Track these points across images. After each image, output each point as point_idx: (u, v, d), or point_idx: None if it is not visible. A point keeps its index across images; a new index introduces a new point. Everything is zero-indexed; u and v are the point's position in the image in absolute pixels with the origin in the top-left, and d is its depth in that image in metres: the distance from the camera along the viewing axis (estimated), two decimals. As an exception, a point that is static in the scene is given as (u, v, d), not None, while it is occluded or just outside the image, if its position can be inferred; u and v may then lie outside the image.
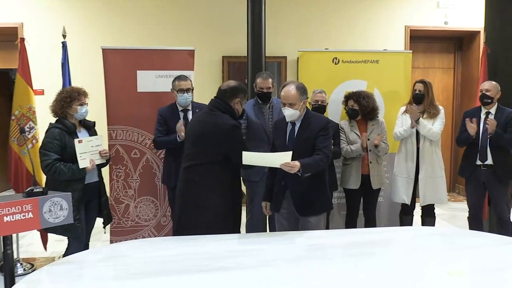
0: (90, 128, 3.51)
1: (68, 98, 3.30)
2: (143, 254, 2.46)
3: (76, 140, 3.25)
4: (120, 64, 4.17)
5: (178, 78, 3.83)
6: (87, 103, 3.38)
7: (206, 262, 2.31)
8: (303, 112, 3.07)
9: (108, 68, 4.17)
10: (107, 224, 3.67)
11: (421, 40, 7.10)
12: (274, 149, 3.15)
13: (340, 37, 6.62)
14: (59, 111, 3.31)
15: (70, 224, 3.02)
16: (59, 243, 4.64)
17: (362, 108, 4.02)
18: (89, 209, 3.45)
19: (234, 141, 2.97)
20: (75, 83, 4.59)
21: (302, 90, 3.02)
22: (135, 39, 6.16)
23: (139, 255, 2.44)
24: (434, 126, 4.02)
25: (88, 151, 3.31)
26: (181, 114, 3.83)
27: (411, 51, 4.85)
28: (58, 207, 3.85)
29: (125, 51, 4.25)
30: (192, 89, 3.83)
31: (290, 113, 3.01)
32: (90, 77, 5.92)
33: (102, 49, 4.19)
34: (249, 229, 3.95)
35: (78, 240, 3.35)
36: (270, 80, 3.92)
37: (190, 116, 3.82)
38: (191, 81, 3.87)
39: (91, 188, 3.40)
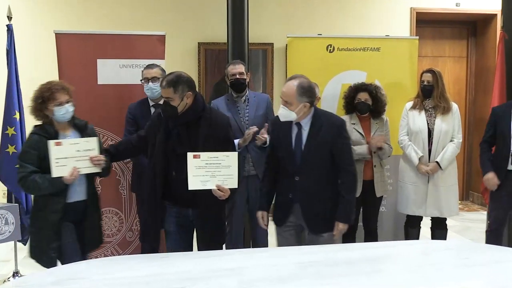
0: (83, 130, 3.21)
1: (40, 99, 3.03)
2: (104, 276, 2.44)
3: (51, 142, 2.95)
4: (76, 52, 4.13)
5: (146, 66, 3.87)
6: (68, 101, 3.07)
7: (179, 284, 2.30)
8: (306, 113, 3.05)
9: (62, 56, 4.13)
10: (87, 252, 3.24)
11: (429, 24, 7.19)
12: (272, 157, 3.18)
13: (335, 21, 6.66)
14: (37, 114, 3.07)
15: (42, 250, 2.99)
16: (4, 264, 4.58)
17: (377, 104, 4.06)
18: (86, 229, 3.18)
19: None
20: (23, 74, 4.58)
21: (302, 90, 2.96)
22: (95, 23, 6.12)
23: (100, 277, 2.42)
24: (450, 146, 4.09)
25: (71, 156, 2.99)
26: (152, 110, 3.83)
27: (417, 37, 4.90)
28: (3, 221, 3.82)
29: (82, 36, 4.22)
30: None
31: (283, 113, 3.01)
32: (40, 67, 5.89)
33: (55, 34, 4.15)
34: (229, 244, 3.96)
35: None
36: (242, 65, 3.98)
37: None
38: (163, 70, 3.87)
39: (77, 208, 3.12)
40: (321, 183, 3.06)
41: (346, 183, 3.05)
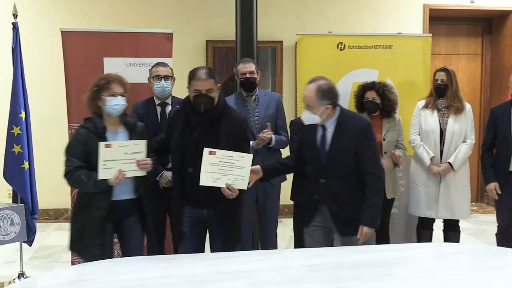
0: (132, 128, 3.20)
1: (95, 87, 3.08)
2: (112, 277, 2.45)
3: (101, 144, 2.95)
4: (83, 50, 4.15)
5: (157, 64, 3.86)
6: (122, 94, 3.10)
7: (187, 286, 2.31)
8: (330, 116, 3.07)
9: (68, 54, 4.15)
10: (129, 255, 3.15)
11: (442, 21, 7.16)
12: (299, 158, 3.24)
13: (346, 18, 6.64)
14: (87, 103, 3.11)
15: (85, 246, 3.04)
16: (9, 265, 4.62)
17: (385, 102, 4.05)
18: (126, 228, 3.21)
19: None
20: (28, 72, 4.61)
21: (322, 93, 2.99)
22: (101, 20, 6.14)
23: (107, 279, 2.43)
24: (463, 147, 4.09)
25: (119, 159, 2.99)
26: (158, 109, 3.84)
27: (430, 34, 4.89)
28: (8, 222, 3.85)
29: (89, 34, 4.24)
30: (173, 78, 3.85)
31: (306, 117, 3.06)
32: (46, 65, 5.94)
33: (61, 32, 4.17)
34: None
35: None
36: (252, 64, 3.98)
37: (168, 112, 3.82)
38: (171, 69, 3.89)
39: (122, 206, 3.14)
40: (347, 185, 3.08)
41: (372, 186, 3.06)
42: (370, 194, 3.06)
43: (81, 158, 3.03)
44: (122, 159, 3.01)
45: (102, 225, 3.07)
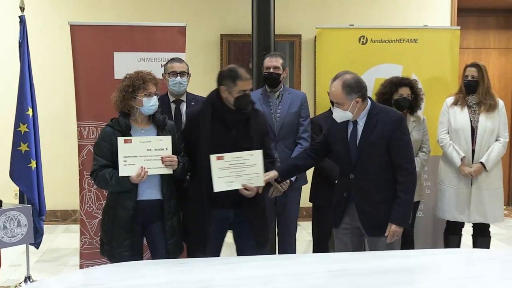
0: (161, 126, 3.20)
1: (130, 87, 3.09)
2: (122, 282, 2.46)
3: (120, 139, 3.00)
4: (92, 45, 4.17)
5: (172, 59, 3.86)
6: (157, 94, 3.16)
7: (200, 292, 2.32)
8: (362, 109, 3.10)
9: (77, 49, 4.18)
10: (174, 257, 3.18)
11: (472, 13, 7.08)
12: (335, 154, 3.28)
13: (368, 10, 6.61)
14: (120, 104, 3.11)
15: (113, 248, 3.07)
16: (15, 269, 4.66)
17: (416, 98, 4.04)
18: (155, 234, 3.21)
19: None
20: (36, 68, 4.65)
21: (349, 88, 3.03)
22: (112, 13, 6.19)
23: (117, 283, 2.45)
24: (497, 146, 4.05)
25: (141, 155, 3.01)
26: (173, 107, 3.84)
27: (459, 27, 4.84)
28: (15, 223, 3.89)
29: (98, 27, 4.26)
30: (189, 75, 3.85)
31: (338, 115, 3.09)
32: (54, 60, 5.99)
33: (70, 25, 4.20)
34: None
35: None
36: (279, 59, 3.98)
37: (183, 109, 3.83)
38: (187, 65, 3.90)
39: (149, 207, 3.14)
40: (377, 182, 3.10)
41: (404, 183, 3.07)
42: (402, 191, 3.06)
43: (106, 157, 3.08)
44: (144, 155, 3.02)
45: (130, 226, 3.10)
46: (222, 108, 3.16)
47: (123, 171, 2.99)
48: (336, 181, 3.41)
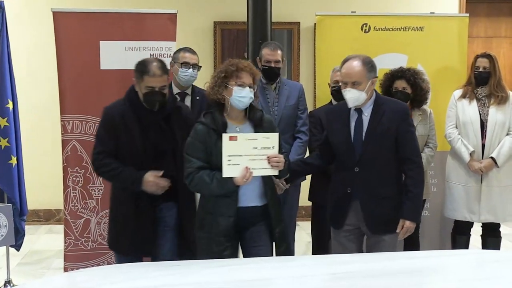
0: (258, 123, 3.06)
1: (223, 73, 2.98)
2: (109, 286, 2.45)
3: (225, 136, 2.86)
4: (77, 33, 4.16)
5: (184, 49, 3.86)
6: (251, 86, 2.97)
7: (193, 296, 2.32)
8: (371, 95, 3.13)
9: (60, 38, 4.16)
10: None
11: (481, -1, 7.10)
12: (327, 151, 3.28)
13: (371, -4, 6.62)
14: (211, 91, 3.00)
15: (213, 258, 2.90)
16: (-5, 272, 4.66)
17: (417, 92, 4.02)
18: (247, 237, 3.11)
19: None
20: (16, 58, 4.63)
21: (370, 65, 3.10)
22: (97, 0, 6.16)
23: (103, 287, 2.44)
24: (508, 140, 4.06)
25: (246, 154, 2.88)
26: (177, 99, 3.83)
27: (467, 14, 4.85)
28: (-5, 224, 3.87)
29: (84, 15, 4.25)
30: (200, 68, 3.85)
31: (353, 96, 3.07)
32: (36, 50, 5.96)
33: (53, 12, 4.18)
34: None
35: None
36: (279, 51, 3.97)
37: (187, 102, 3.83)
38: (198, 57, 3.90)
39: (250, 214, 3.03)
40: (383, 176, 3.12)
41: (413, 177, 3.10)
42: (411, 185, 3.09)
43: (201, 158, 2.95)
44: (250, 154, 2.89)
45: (231, 234, 3.00)
46: (137, 105, 3.13)
47: (226, 172, 2.86)
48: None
